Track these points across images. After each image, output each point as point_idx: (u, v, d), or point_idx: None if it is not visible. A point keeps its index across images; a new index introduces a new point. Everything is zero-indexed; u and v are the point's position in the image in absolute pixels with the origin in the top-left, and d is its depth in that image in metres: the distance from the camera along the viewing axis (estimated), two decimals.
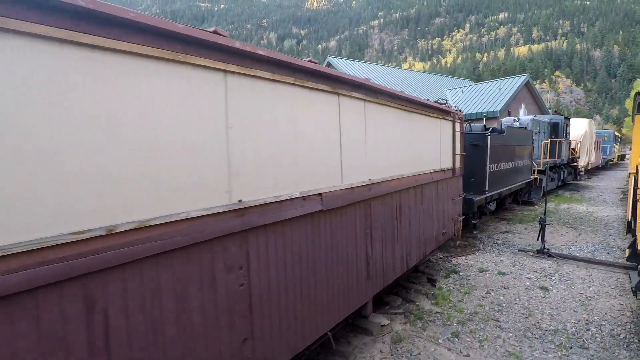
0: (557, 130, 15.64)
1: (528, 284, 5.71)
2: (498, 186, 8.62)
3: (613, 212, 11.36)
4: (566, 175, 17.39)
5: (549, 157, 14.66)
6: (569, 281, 5.77)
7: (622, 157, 40.67)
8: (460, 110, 6.25)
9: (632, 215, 6.09)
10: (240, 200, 2.14)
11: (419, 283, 5.69)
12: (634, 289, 4.52)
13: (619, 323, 4.47)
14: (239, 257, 2.15)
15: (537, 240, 7.30)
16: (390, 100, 3.86)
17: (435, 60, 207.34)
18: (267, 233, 2.32)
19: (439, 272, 6.18)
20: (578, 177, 19.83)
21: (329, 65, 33.16)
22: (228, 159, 2.07)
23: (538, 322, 4.54)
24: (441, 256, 6.98)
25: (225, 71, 2.03)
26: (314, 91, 2.73)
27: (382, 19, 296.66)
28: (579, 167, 20.58)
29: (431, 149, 5.03)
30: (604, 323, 4.48)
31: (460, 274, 6.15)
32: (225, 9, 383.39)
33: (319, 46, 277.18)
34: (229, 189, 2.08)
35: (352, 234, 3.22)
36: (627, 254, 5.79)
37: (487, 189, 7.72)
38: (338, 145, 3.01)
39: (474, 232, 7.67)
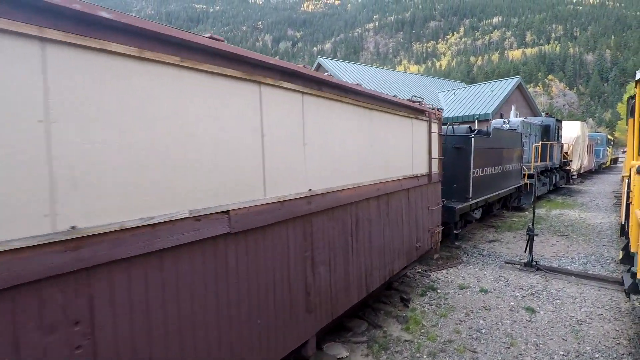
0: (549, 133, 15.14)
1: (512, 303, 5.09)
2: (484, 192, 8.02)
3: (606, 219, 10.81)
4: (558, 179, 16.89)
5: (540, 161, 14.13)
6: (557, 300, 5.15)
7: (614, 161, 40.45)
8: (439, 110, 5.64)
9: (625, 218, 6.12)
10: (74, 227, 1.48)
11: (390, 303, 5.05)
12: (626, 290, 4.41)
13: (614, 355, 3.85)
14: (74, 308, 1.49)
15: (525, 251, 6.69)
16: (341, 95, 3.22)
17: (430, 64, 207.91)
18: (128, 270, 1.66)
19: (415, 290, 5.54)
20: (571, 181, 19.36)
21: (318, 66, 32.63)
22: (50, 168, 1.41)
23: (521, 354, 3.91)
24: (419, 270, 6.35)
25: (41, 39, 1.38)
26: (218, 77, 2.08)
27: (377, 22, 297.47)
28: (572, 170, 20.12)
29: (400, 152, 4.40)
30: (596, 356, 3.85)
31: (439, 291, 5.51)
32: (220, 10, 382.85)
33: (314, 49, 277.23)
34: (51, 212, 1.42)
35: (282, 259, 2.57)
36: (620, 256, 5.80)
37: (470, 195, 7.11)
38: (259, 148, 2.36)
39: (456, 242, 7.06)
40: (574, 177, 20.62)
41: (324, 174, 2.99)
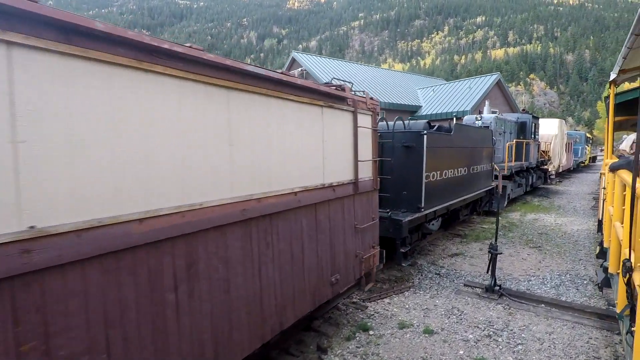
0: (525, 131, 14.16)
1: (462, 352, 3.87)
2: (443, 199, 6.82)
3: (584, 225, 9.81)
4: (535, 179, 15.98)
5: (515, 161, 13.12)
6: (520, 346, 3.96)
7: (593, 159, 40.36)
8: (371, 98, 4.37)
9: (602, 215, 6.34)
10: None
11: (300, 355, 3.77)
12: (599, 285, 4.63)
13: None
14: None
15: (487, 272, 5.52)
16: (169, 63, 1.90)
17: (414, 62, 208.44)
18: None
19: (341, 330, 4.28)
20: (548, 181, 18.55)
21: (293, 62, 31.26)
22: None
23: None
24: (356, 299, 5.10)
25: None
26: None
27: (362, 20, 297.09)
28: (550, 170, 19.31)
29: (298, 154, 3.10)
30: None
31: (371, 332, 4.26)
32: (204, 6, 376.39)
33: (300, 46, 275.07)
34: None
35: None
36: (597, 251, 5.92)
37: (423, 205, 5.89)
38: None
39: (404, 264, 5.84)
40: (552, 176, 19.84)
41: (110, 194, 1.68)
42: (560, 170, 21.95)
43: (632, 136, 9.93)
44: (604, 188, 6.01)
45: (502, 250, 6.96)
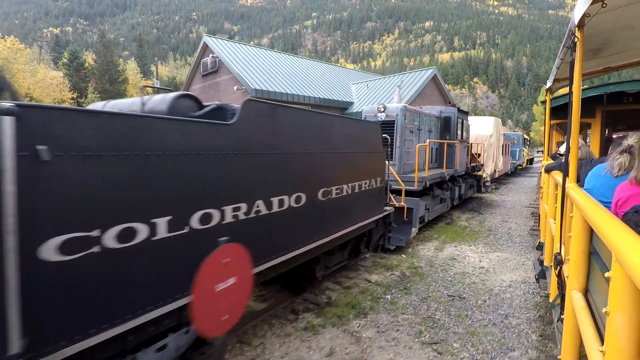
0: (450, 129, 10.89)
1: None
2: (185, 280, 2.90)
3: (519, 272, 6.45)
4: (465, 189, 12.87)
5: (434, 168, 9.75)
6: None
7: (531, 161, 39.60)
8: None
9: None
10: None
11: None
12: (536, 276, 4.92)
13: None
14: None
15: None
16: None
17: (365, 63, 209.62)
18: None
19: None
20: (483, 189, 15.69)
21: (205, 47, 26.58)
22: None
23: None
24: None
25: None
26: None
27: (315, 20, 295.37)
28: (484, 176, 16.52)
29: None
30: None
31: None
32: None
33: (251, 43, 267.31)
34: None
35: None
36: (537, 244, 6.22)
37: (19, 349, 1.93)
38: None
39: None
40: (487, 183, 17.12)
41: None
42: (497, 176, 19.43)
43: None
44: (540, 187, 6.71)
45: (372, 354, 3.23)
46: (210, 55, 25.96)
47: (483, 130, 16.61)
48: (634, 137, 2.36)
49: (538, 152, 75.31)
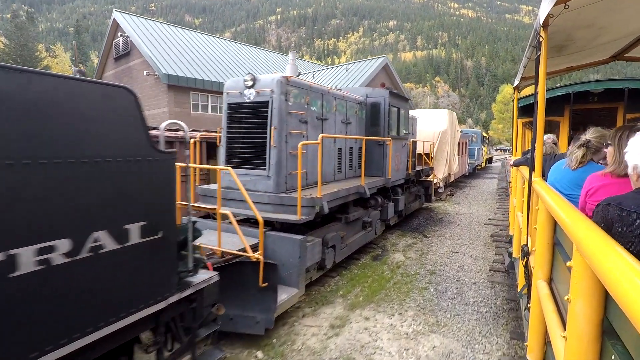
0: (379, 120, 7.59)
1: None
2: None
3: None
4: (407, 202, 9.71)
5: (337, 181, 6.45)
6: None
7: (490, 160, 37.78)
8: None
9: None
10: None
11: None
12: (505, 268, 5.71)
13: None
14: None
15: None
16: None
17: (330, 60, 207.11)
18: None
19: None
20: (433, 197, 12.65)
21: (116, 26, 22.02)
22: None
23: None
24: None
25: None
26: None
27: (279, 15, 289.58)
28: (435, 182, 13.54)
29: None
30: None
31: None
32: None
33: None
34: None
35: None
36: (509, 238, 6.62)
37: None
38: None
39: None
40: (439, 190, 14.19)
41: None
42: (452, 180, 16.62)
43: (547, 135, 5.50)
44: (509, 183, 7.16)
45: None
46: (121, 35, 21.50)
47: (434, 125, 13.61)
48: (591, 132, 2.61)
49: (497, 150, 75.55)
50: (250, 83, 5.04)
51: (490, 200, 14.29)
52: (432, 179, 12.36)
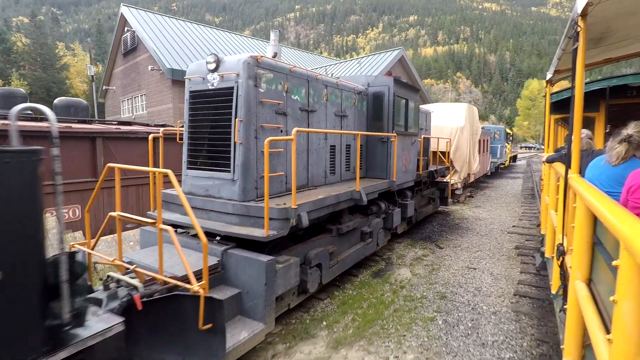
0: (382, 114, 6.52)
1: None
2: None
3: None
4: (419, 207, 8.60)
5: (327, 184, 5.45)
6: None
7: (514, 158, 35.62)
8: None
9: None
10: None
11: None
12: (537, 268, 5.50)
13: None
14: None
15: None
16: None
17: (348, 57, 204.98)
18: None
19: None
20: (450, 200, 11.43)
21: (124, 22, 21.61)
22: None
23: None
24: None
25: None
26: None
27: (298, 12, 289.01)
28: (453, 183, 12.32)
29: None
30: None
31: None
32: None
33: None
34: None
35: None
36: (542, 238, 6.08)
37: None
38: None
39: None
40: (457, 191, 12.93)
41: None
42: (472, 180, 15.29)
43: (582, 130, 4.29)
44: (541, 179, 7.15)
45: None
46: (128, 30, 21.07)
47: (451, 120, 12.37)
48: (633, 127, 2.46)
49: (521, 147, 72.06)
50: (213, 66, 4.10)
51: (515, 204, 12.92)
52: (448, 180, 11.15)
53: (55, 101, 9.39)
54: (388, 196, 6.91)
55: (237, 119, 3.90)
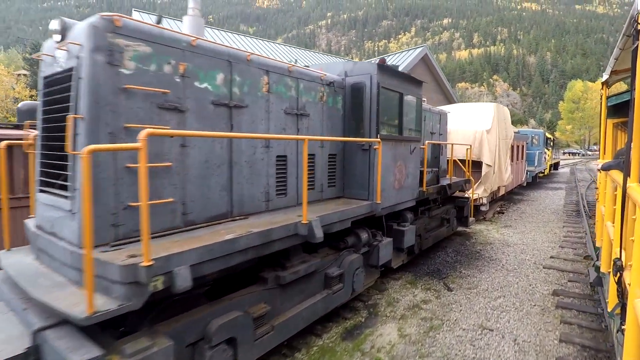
0: (363, 112, 4.85)
1: None
2: None
3: None
4: (421, 235, 6.78)
5: (265, 212, 3.79)
6: None
7: (555, 166, 32.06)
8: None
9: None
10: None
11: None
12: (591, 283, 5.15)
13: None
14: None
15: None
16: None
17: None
18: None
19: None
20: (472, 219, 9.39)
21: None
22: None
23: None
24: None
25: None
26: None
27: (330, 19, 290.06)
28: (479, 197, 10.30)
29: None
30: None
31: None
32: (168, 2, 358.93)
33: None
34: None
35: None
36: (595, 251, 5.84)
37: None
38: None
39: None
40: (482, 208, 10.86)
41: None
42: (503, 193, 13.08)
43: None
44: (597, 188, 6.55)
45: None
46: None
47: (475, 123, 10.38)
48: None
49: (564, 153, 66.34)
50: (58, 36, 2.67)
51: (554, 222, 10.65)
52: (469, 195, 9.18)
53: None
54: (376, 221, 5.21)
55: (72, 115, 2.43)
